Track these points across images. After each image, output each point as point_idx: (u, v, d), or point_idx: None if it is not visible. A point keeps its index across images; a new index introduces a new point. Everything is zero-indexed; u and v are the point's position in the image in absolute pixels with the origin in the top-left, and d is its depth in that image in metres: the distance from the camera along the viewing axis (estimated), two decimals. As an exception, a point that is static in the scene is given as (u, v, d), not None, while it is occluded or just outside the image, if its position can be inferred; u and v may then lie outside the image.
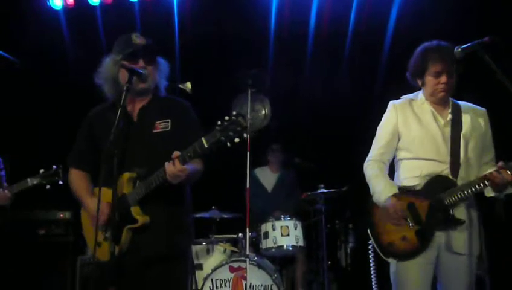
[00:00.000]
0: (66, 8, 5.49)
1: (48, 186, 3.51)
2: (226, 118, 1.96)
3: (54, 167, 3.44)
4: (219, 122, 1.97)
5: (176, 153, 2.08)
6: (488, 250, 4.20)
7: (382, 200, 2.49)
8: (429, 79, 2.49)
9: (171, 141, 2.26)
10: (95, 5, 5.42)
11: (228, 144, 1.96)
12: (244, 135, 1.95)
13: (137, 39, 2.35)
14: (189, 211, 2.45)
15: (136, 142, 2.31)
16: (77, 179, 2.47)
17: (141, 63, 2.32)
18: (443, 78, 2.45)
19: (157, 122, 2.34)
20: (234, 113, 1.95)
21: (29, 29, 5.31)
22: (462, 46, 2.22)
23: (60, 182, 3.44)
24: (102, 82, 2.39)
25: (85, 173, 2.48)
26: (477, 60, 2.16)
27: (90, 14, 5.45)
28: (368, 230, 2.59)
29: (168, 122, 2.34)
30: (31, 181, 3.48)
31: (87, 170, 2.47)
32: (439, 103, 2.56)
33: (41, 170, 3.47)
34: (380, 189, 2.52)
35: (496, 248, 4.26)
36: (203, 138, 2.01)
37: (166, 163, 2.09)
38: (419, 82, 2.57)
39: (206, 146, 2.00)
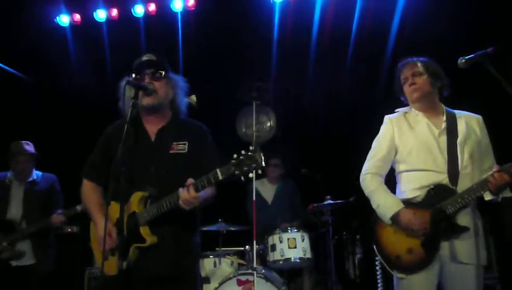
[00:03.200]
0: (73, 25, 5.59)
1: None
2: (242, 152, 2.01)
3: None
4: (235, 156, 2.01)
5: (190, 181, 2.11)
6: (498, 259, 4.17)
7: (389, 216, 2.48)
8: (405, 89, 2.65)
9: (186, 163, 2.30)
10: (101, 21, 5.51)
11: (242, 178, 2.01)
12: (259, 172, 2.01)
13: (146, 57, 2.38)
14: (197, 232, 2.45)
15: (151, 161, 2.32)
16: (89, 192, 2.46)
17: (147, 78, 2.35)
18: (410, 80, 2.59)
19: (174, 143, 2.36)
20: (251, 148, 2.00)
21: (38, 46, 5.40)
22: (466, 57, 2.23)
23: None
24: (121, 104, 2.39)
25: (97, 186, 2.47)
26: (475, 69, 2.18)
27: (97, 30, 5.53)
28: (374, 246, 2.58)
29: (185, 144, 2.36)
30: (80, 208, 3.88)
31: (99, 182, 2.46)
32: (432, 112, 2.61)
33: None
34: (385, 204, 2.52)
35: (506, 257, 4.21)
36: (218, 170, 2.05)
37: (180, 189, 2.11)
38: (404, 97, 2.70)
39: (220, 178, 2.05)
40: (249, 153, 2.00)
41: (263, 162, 1.99)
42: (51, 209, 4.04)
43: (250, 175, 2.00)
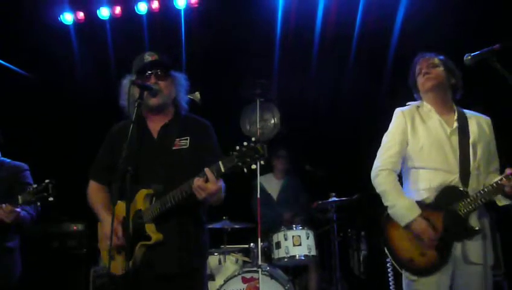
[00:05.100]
0: (76, 23, 5.59)
1: (38, 204, 3.13)
2: (245, 143, 1.99)
3: (46, 181, 2.92)
4: (237, 147, 1.99)
5: (207, 169, 2.08)
6: (505, 256, 4.15)
7: (406, 221, 2.39)
8: (418, 80, 2.58)
9: (189, 159, 2.29)
10: (104, 19, 5.51)
11: (245, 169, 2.00)
12: (262, 163, 1.99)
13: (149, 57, 2.38)
14: (205, 231, 2.44)
15: (155, 159, 2.33)
16: (94, 192, 2.48)
17: (153, 79, 2.35)
18: (424, 70, 2.52)
19: (177, 139, 2.36)
20: (253, 139, 1.99)
21: (41, 44, 5.40)
22: (472, 54, 2.19)
23: (50, 199, 2.88)
24: (124, 103, 2.39)
25: (103, 186, 2.48)
26: (482, 69, 2.15)
27: (100, 28, 5.53)
28: (385, 248, 2.50)
29: (187, 139, 2.36)
30: (22, 198, 2.96)
31: (105, 183, 2.47)
32: (443, 108, 2.54)
33: (34, 185, 2.95)
34: (402, 207, 2.41)
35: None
36: (220, 162, 2.03)
37: (196, 178, 2.08)
38: (416, 92, 2.63)
39: (222, 170, 2.03)
40: (251, 144, 1.98)
41: (266, 153, 1.98)
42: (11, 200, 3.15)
43: (253, 167, 1.99)
